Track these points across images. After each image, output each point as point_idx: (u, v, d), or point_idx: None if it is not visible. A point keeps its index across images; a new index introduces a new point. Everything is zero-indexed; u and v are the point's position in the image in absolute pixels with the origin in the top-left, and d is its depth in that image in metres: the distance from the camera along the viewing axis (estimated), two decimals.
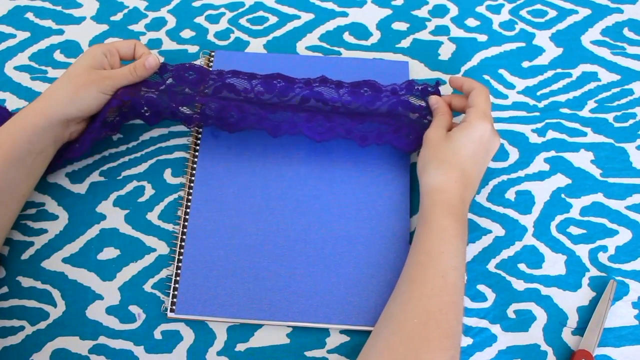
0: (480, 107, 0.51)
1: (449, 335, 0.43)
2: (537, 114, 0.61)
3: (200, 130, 0.58)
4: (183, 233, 0.54)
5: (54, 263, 0.53)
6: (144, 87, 0.55)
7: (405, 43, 0.66)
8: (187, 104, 0.55)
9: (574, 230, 0.55)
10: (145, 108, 0.55)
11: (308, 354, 0.50)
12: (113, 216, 0.55)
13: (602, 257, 0.54)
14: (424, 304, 0.44)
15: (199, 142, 0.58)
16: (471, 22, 0.67)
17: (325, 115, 0.55)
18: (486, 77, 0.63)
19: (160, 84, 0.56)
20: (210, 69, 0.60)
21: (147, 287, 0.52)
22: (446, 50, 0.65)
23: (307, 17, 0.67)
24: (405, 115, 0.57)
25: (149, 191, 0.57)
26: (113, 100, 0.54)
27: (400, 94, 0.58)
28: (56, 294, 0.52)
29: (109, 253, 0.54)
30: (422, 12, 0.68)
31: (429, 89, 0.58)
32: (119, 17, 0.67)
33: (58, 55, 0.64)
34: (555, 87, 0.63)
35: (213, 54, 0.63)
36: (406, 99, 0.57)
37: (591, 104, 0.62)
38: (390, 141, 0.55)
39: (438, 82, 0.59)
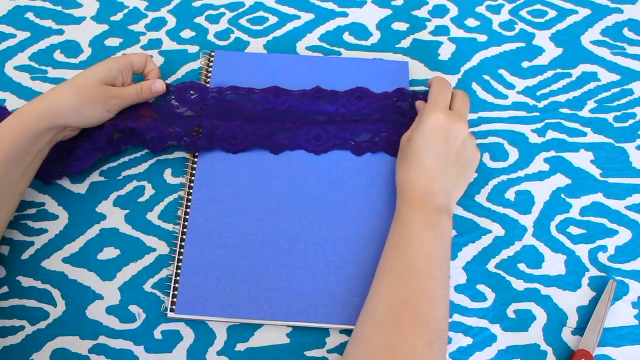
0: (431, 100, 0.53)
1: (422, 321, 0.43)
2: (537, 114, 0.61)
3: (200, 130, 0.58)
4: (183, 233, 0.54)
5: (54, 263, 0.53)
6: (150, 110, 0.57)
7: (405, 43, 0.66)
8: (191, 129, 0.57)
9: (574, 230, 0.56)
10: (152, 134, 0.56)
11: (308, 353, 0.50)
12: (113, 216, 0.55)
13: (602, 257, 0.54)
14: (392, 293, 0.45)
15: None
16: (471, 22, 0.67)
17: (322, 128, 0.57)
18: (486, 77, 0.64)
19: (164, 107, 0.58)
20: (209, 83, 0.61)
21: (147, 287, 0.53)
22: (446, 50, 0.65)
23: (307, 17, 0.68)
24: (397, 121, 0.58)
25: (149, 191, 0.57)
26: (120, 124, 0.55)
27: (392, 99, 0.59)
28: (56, 293, 0.52)
29: (109, 253, 0.54)
30: (422, 12, 0.68)
31: (419, 95, 0.60)
32: (119, 17, 0.67)
33: (58, 55, 0.64)
34: (555, 87, 0.63)
35: (213, 54, 0.63)
36: (397, 104, 0.59)
37: (591, 104, 0.62)
38: (383, 148, 0.57)
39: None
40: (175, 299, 0.51)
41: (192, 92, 0.59)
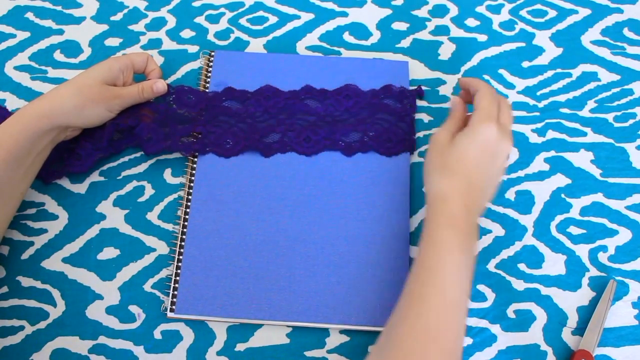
0: (484, 110, 0.47)
1: (449, 353, 0.41)
2: (537, 114, 0.61)
3: (195, 134, 0.58)
4: (183, 233, 0.54)
5: (54, 263, 0.53)
6: (150, 110, 0.57)
7: (405, 43, 0.66)
8: (187, 133, 0.57)
9: (574, 230, 0.55)
10: (149, 135, 0.56)
11: (308, 354, 0.50)
12: (113, 216, 0.55)
13: (602, 257, 0.54)
14: (422, 323, 0.42)
15: None
16: (471, 22, 0.67)
17: (311, 130, 0.57)
18: (486, 77, 0.63)
19: (162, 108, 0.58)
20: (209, 83, 0.61)
21: (147, 287, 0.52)
22: (446, 50, 0.65)
23: (307, 17, 0.67)
24: (384, 119, 0.58)
25: (149, 191, 0.57)
26: (121, 123, 0.55)
27: (380, 97, 0.60)
28: (56, 293, 0.52)
29: (109, 253, 0.54)
30: (422, 12, 0.68)
31: (406, 92, 0.60)
32: (119, 17, 0.67)
33: (58, 55, 0.64)
34: (555, 87, 0.63)
35: (213, 54, 0.63)
36: (385, 102, 0.59)
37: (591, 104, 0.62)
38: (373, 148, 0.57)
39: (420, 86, 0.61)
40: (175, 299, 0.51)
41: (190, 95, 0.59)
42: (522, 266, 0.54)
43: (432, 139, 0.49)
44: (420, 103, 0.61)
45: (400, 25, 0.67)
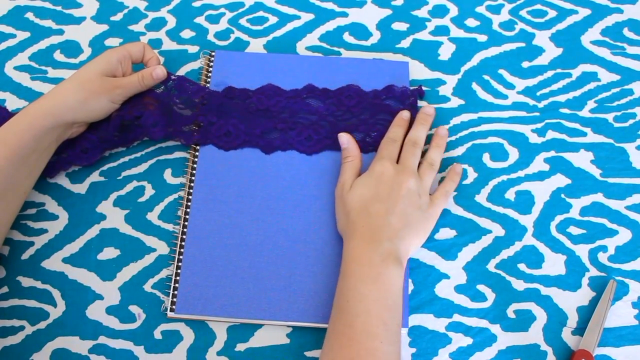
0: (379, 153, 0.55)
1: None
2: (537, 114, 0.61)
3: (197, 125, 0.58)
4: (183, 233, 0.54)
5: (54, 263, 0.53)
6: (153, 98, 0.57)
7: (405, 43, 0.66)
8: (188, 123, 0.58)
9: (574, 230, 0.55)
10: (155, 121, 0.56)
11: (308, 354, 0.50)
12: (113, 216, 0.55)
13: (602, 257, 0.54)
14: (335, 356, 0.43)
15: None
16: (471, 22, 0.67)
17: (313, 129, 0.58)
18: (486, 77, 0.63)
19: (164, 97, 0.58)
20: (209, 84, 0.61)
21: (147, 287, 0.52)
22: (446, 51, 0.65)
23: (307, 17, 0.67)
24: (387, 120, 0.58)
25: (149, 191, 0.57)
26: (126, 115, 0.55)
27: (382, 98, 0.60)
28: (56, 294, 0.52)
29: (109, 253, 0.54)
30: (422, 12, 0.68)
31: (408, 92, 0.60)
32: (119, 17, 0.67)
33: (58, 55, 0.64)
34: (555, 87, 0.63)
35: (213, 54, 0.63)
36: (387, 103, 0.60)
37: (591, 104, 0.62)
38: (374, 149, 0.57)
39: (420, 87, 0.61)
40: (175, 299, 0.51)
41: (191, 83, 0.59)
42: (522, 266, 0.54)
43: (335, 192, 0.54)
44: (420, 103, 0.61)
45: (400, 26, 0.67)
